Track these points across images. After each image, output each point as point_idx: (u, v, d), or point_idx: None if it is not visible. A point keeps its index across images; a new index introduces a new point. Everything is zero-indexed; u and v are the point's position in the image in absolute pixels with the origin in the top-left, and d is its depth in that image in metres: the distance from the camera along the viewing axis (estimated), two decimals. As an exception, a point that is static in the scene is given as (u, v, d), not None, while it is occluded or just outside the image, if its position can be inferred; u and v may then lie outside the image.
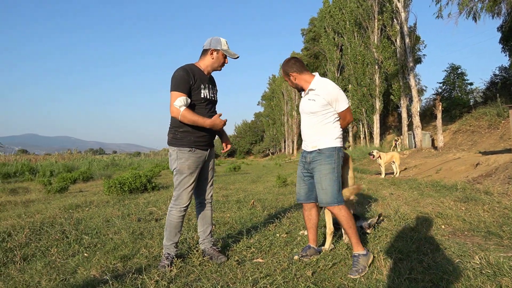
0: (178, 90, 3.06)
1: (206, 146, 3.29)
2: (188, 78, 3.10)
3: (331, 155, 3.14)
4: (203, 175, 3.40)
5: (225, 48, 3.25)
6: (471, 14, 15.14)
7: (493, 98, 20.47)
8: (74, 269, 3.17)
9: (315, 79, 3.25)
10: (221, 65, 3.31)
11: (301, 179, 3.41)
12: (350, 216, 3.17)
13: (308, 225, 3.47)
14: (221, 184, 11.13)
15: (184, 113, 3.03)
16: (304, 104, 3.30)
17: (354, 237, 3.11)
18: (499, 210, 4.98)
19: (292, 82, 3.34)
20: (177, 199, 3.22)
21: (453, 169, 10.75)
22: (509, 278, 2.54)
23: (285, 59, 3.39)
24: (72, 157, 28.67)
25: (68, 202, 7.20)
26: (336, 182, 3.13)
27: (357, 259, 2.99)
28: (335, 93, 3.14)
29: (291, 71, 3.28)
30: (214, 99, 3.36)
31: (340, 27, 29.91)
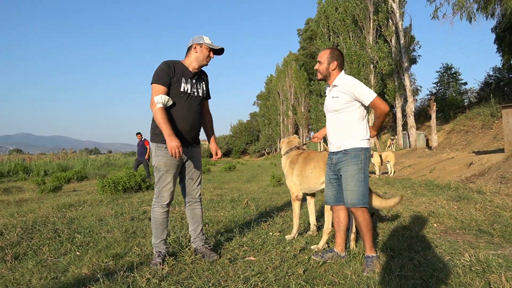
0: (158, 82, 3.08)
1: (185, 143, 3.26)
2: (168, 71, 3.12)
3: (357, 155, 3.07)
4: (188, 174, 3.38)
5: (208, 41, 3.25)
6: (465, 15, 15.23)
7: (487, 98, 20.61)
8: (65, 268, 3.16)
9: (339, 76, 3.18)
10: (206, 58, 3.27)
11: (329, 182, 3.31)
12: (370, 219, 3.14)
13: (336, 228, 3.35)
14: (216, 183, 11.12)
15: (157, 112, 3.02)
16: (328, 102, 3.23)
17: (370, 240, 3.08)
18: (490, 209, 5.02)
19: (328, 69, 3.17)
20: (158, 196, 3.22)
21: (446, 168, 10.82)
22: (497, 275, 2.56)
23: (336, 48, 3.31)
24: (66, 156, 28.50)
25: (62, 202, 7.17)
26: (362, 183, 3.06)
27: (371, 259, 2.98)
28: (357, 85, 3.04)
29: (337, 60, 3.16)
30: (198, 95, 3.32)
31: (335, 27, 29.99)
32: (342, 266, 3.04)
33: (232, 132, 75.06)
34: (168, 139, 2.97)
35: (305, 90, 46.10)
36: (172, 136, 2.97)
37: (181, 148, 2.98)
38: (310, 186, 3.93)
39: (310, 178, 3.88)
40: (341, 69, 3.22)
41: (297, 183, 4.02)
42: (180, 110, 3.19)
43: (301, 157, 4.06)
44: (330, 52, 3.20)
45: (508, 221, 4.30)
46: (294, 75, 48.78)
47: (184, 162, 3.34)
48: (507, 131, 9.64)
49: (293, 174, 4.04)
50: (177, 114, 3.19)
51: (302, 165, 3.97)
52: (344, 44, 28.77)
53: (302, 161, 4.00)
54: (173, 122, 3.16)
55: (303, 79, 46.22)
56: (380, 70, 23.81)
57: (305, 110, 47.02)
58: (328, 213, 3.63)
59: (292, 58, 51.45)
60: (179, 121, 3.19)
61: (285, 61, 53.80)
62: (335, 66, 3.16)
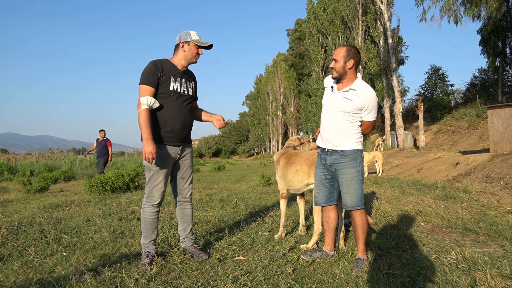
0: (145, 83, 3.06)
1: (177, 142, 3.24)
2: (156, 71, 3.09)
3: (356, 157, 3.09)
4: (179, 173, 3.36)
5: (196, 38, 3.21)
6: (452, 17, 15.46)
7: (472, 99, 20.95)
8: (52, 269, 3.11)
9: (358, 80, 3.11)
10: (194, 56, 3.25)
11: (321, 182, 3.28)
12: (367, 222, 3.17)
13: (325, 227, 3.35)
14: (205, 183, 11.09)
15: (141, 113, 2.99)
16: (337, 101, 3.12)
17: (363, 243, 3.09)
18: (476, 207, 5.10)
19: (345, 67, 3.07)
20: (148, 196, 3.20)
21: (434, 168, 10.96)
22: (483, 272, 2.61)
23: (354, 46, 3.18)
24: (53, 156, 28.10)
25: (48, 202, 7.07)
26: (361, 185, 3.09)
27: (362, 262, 2.99)
28: (374, 102, 3.05)
29: (354, 58, 3.07)
30: (187, 93, 3.29)
31: (324, 28, 30.13)
32: (331, 265, 3.06)
33: (221, 132, 74.87)
34: (144, 143, 2.95)
35: (294, 90, 46.24)
36: (149, 141, 2.95)
37: (155, 155, 2.96)
38: (295, 188, 3.96)
39: (293, 181, 3.89)
40: (357, 68, 3.16)
41: (282, 182, 4.09)
42: (170, 109, 3.17)
43: (282, 160, 4.08)
44: (347, 50, 3.07)
45: (493, 220, 4.37)
46: (284, 75, 48.88)
47: (176, 161, 3.32)
48: (492, 131, 9.80)
49: (277, 174, 4.13)
50: (168, 114, 3.16)
51: (284, 168, 4.00)
52: (333, 45, 28.94)
53: (283, 165, 4.02)
54: (164, 121, 3.14)
55: (293, 79, 46.34)
56: (369, 70, 24.01)
57: (295, 110, 47.16)
58: (318, 213, 3.64)
59: (282, 58, 51.56)
60: (170, 121, 3.16)
61: (274, 62, 53.89)
62: (352, 65, 3.07)
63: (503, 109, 9.49)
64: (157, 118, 3.13)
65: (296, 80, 45.78)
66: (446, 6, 15.39)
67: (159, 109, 3.14)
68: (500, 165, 7.85)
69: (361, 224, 3.08)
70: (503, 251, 3.25)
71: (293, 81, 46.26)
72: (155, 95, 3.11)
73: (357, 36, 25.24)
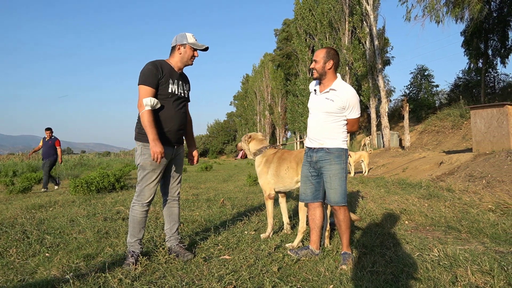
0: (146, 84, 3.04)
1: (172, 143, 3.25)
2: (156, 72, 3.08)
3: (340, 155, 3.16)
4: (170, 172, 3.37)
5: (192, 41, 3.21)
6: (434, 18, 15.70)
7: (456, 99, 21.31)
8: (33, 270, 3.06)
9: (338, 80, 3.21)
10: (190, 59, 3.26)
11: (307, 179, 3.33)
12: (350, 218, 3.25)
13: (311, 225, 3.38)
14: (192, 183, 11.04)
15: (144, 114, 2.98)
16: (320, 102, 3.23)
17: (347, 238, 3.17)
18: (459, 206, 5.19)
19: (324, 68, 3.18)
20: (139, 195, 3.18)
21: (418, 167, 11.11)
22: (464, 269, 2.66)
23: (332, 47, 3.35)
24: (37, 156, 27.60)
25: (31, 202, 6.95)
26: (344, 182, 3.16)
27: (348, 256, 3.06)
28: (354, 100, 3.14)
29: (333, 59, 3.17)
30: (184, 96, 3.32)
31: (311, 29, 30.28)
32: (316, 263, 3.08)
33: (209, 132, 74.60)
34: (152, 144, 2.96)
35: (281, 90, 46.34)
36: (156, 141, 2.96)
37: (163, 153, 2.99)
38: (286, 185, 3.98)
39: (284, 178, 3.93)
40: (336, 69, 3.26)
41: (272, 182, 4.04)
42: (168, 111, 3.17)
43: (276, 157, 4.08)
44: (326, 51, 3.21)
45: (475, 218, 4.46)
46: (271, 75, 48.94)
47: (170, 160, 3.32)
48: (475, 131, 9.98)
49: (268, 173, 4.05)
50: (166, 115, 3.16)
51: (277, 164, 4.00)
52: (320, 45, 29.09)
53: (277, 161, 4.02)
54: (161, 123, 3.14)
55: (280, 79, 46.44)
56: (355, 71, 24.22)
57: (282, 110, 47.27)
58: (303, 212, 3.66)
59: (269, 58, 51.61)
60: (167, 122, 3.17)
61: (261, 62, 53.91)
62: (331, 65, 3.18)
63: (485, 110, 9.67)
64: (155, 119, 3.11)
65: (284, 80, 45.89)
66: (429, 6, 15.62)
67: (158, 111, 3.13)
68: (482, 165, 8.00)
69: (344, 220, 3.15)
70: (484, 248, 3.32)
71: (281, 81, 46.36)
72: (155, 96, 3.09)
73: (344, 36, 25.44)
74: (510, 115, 8.92)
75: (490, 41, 20.96)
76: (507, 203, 4.98)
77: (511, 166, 7.21)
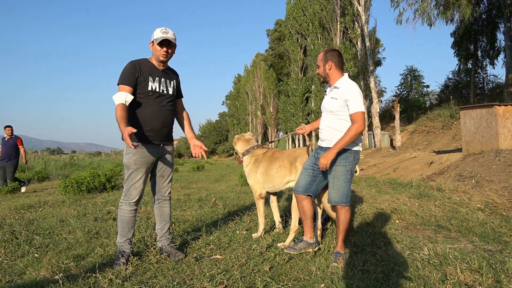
0: (123, 83, 3.04)
1: (157, 141, 3.22)
2: (133, 71, 3.08)
3: (347, 157, 3.13)
4: (159, 171, 3.34)
5: (157, 36, 3.11)
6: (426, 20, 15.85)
7: (446, 100, 21.51)
8: (22, 270, 3.02)
9: (342, 78, 3.21)
10: (161, 55, 3.15)
11: (306, 170, 3.33)
12: (351, 218, 3.26)
13: (302, 217, 3.39)
14: (184, 183, 11.00)
15: (116, 108, 2.93)
16: (326, 102, 3.26)
17: (343, 238, 3.17)
18: (449, 205, 5.24)
19: (325, 70, 3.22)
20: (125, 194, 3.16)
21: (409, 167, 11.20)
22: (453, 267, 2.69)
23: (331, 48, 3.34)
24: (27, 156, 27.26)
25: (20, 203, 6.87)
26: (348, 183, 3.15)
27: (340, 255, 3.06)
28: (353, 93, 3.06)
29: (332, 60, 3.19)
30: (167, 93, 3.28)
31: (303, 29, 30.35)
32: (308, 262, 3.09)
33: (201, 132, 74.44)
34: (122, 132, 2.84)
35: (274, 90, 46.36)
36: (124, 127, 2.82)
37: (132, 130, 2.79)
38: (275, 185, 3.96)
39: (275, 177, 3.91)
40: (340, 68, 3.24)
41: (261, 181, 4.02)
42: (149, 109, 3.15)
43: (266, 156, 4.07)
44: (324, 54, 3.26)
45: (464, 217, 4.50)
46: (263, 75, 48.93)
47: (157, 159, 3.29)
48: (464, 131, 10.09)
49: (258, 172, 4.04)
50: (147, 113, 3.14)
51: (268, 164, 3.98)
52: (312, 46, 29.18)
53: (268, 160, 4.01)
54: (143, 121, 3.12)
55: (272, 79, 46.44)
56: (347, 71, 24.34)
57: (274, 110, 47.29)
58: (295, 210, 3.67)
59: (261, 58, 51.59)
60: (149, 120, 3.15)
61: (254, 62, 53.88)
62: (331, 66, 3.21)
63: (474, 110, 9.78)
64: (136, 118, 3.11)
65: (276, 80, 45.90)
66: (420, 9, 15.77)
67: (138, 108, 3.11)
68: (472, 164, 8.10)
69: (343, 220, 3.15)
70: (473, 246, 3.36)
71: (273, 81, 46.37)
72: (134, 95, 3.08)
73: (335, 37, 25.54)
74: (498, 116, 9.03)
75: (479, 43, 21.22)
76: (495, 202, 5.04)
77: (500, 166, 7.30)
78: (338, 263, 2.94)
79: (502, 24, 18.57)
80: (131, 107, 3.06)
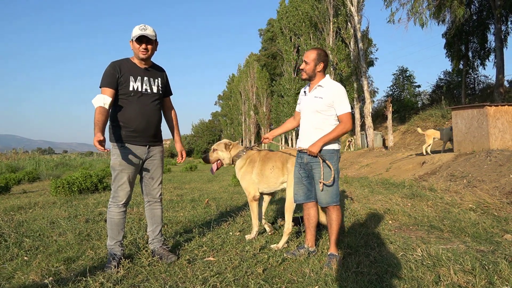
0: (104, 85, 3.01)
1: (143, 142, 3.17)
2: (113, 72, 3.04)
3: (332, 157, 3.14)
4: (148, 173, 3.29)
5: (134, 34, 3.06)
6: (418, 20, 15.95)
7: (438, 100, 21.67)
8: (10, 274, 2.96)
9: (325, 78, 3.23)
10: (140, 52, 3.10)
11: (299, 180, 3.33)
12: (342, 218, 3.24)
13: (306, 224, 3.40)
14: (176, 183, 10.94)
15: (95, 111, 2.89)
16: (309, 102, 3.24)
17: (336, 239, 3.17)
18: (441, 205, 5.27)
19: (314, 70, 3.21)
20: (114, 196, 3.12)
21: (401, 167, 11.25)
22: (446, 268, 2.69)
23: (322, 49, 3.33)
24: (17, 157, 26.93)
25: (10, 204, 6.78)
26: (336, 183, 3.14)
27: (333, 257, 3.04)
28: (340, 93, 3.11)
29: (323, 62, 3.20)
30: (151, 91, 3.21)
31: (296, 28, 30.34)
32: (301, 264, 3.07)
33: (193, 131, 74.23)
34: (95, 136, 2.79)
35: (267, 90, 46.37)
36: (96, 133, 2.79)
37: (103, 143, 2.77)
38: (270, 186, 3.92)
39: (269, 177, 3.87)
40: (325, 70, 3.27)
41: (256, 182, 3.95)
42: (132, 109, 3.10)
43: (260, 156, 4.03)
44: (318, 53, 3.23)
45: (456, 217, 4.52)
46: (257, 75, 48.91)
47: (144, 161, 3.24)
48: (456, 131, 10.16)
49: (253, 172, 3.97)
50: (130, 114, 3.10)
51: (262, 164, 3.94)
52: (305, 45, 29.21)
53: (262, 160, 3.97)
54: (125, 122, 3.08)
55: (265, 79, 46.45)
56: (340, 72, 24.40)
57: (267, 110, 47.30)
58: (289, 213, 3.65)
59: (254, 58, 51.58)
60: (132, 121, 3.10)
61: (247, 62, 53.84)
62: (321, 68, 3.22)
63: (466, 110, 9.85)
64: (120, 119, 3.07)
65: (269, 80, 45.92)
66: (413, 9, 15.86)
67: (121, 109, 3.07)
68: (463, 164, 8.15)
69: (336, 220, 3.16)
70: (465, 247, 3.37)
71: (266, 81, 46.38)
72: (116, 96, 3.04)
73: (328, 37, 25.59)
74: (489, 116, 9.10)
75: (470, 43, 21.39)
76: (487, 202, 5.07)
77: (491, 166, 7.36)
78: (332, 265, 2.92)
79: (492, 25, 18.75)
80: (114, 108, 3.04)
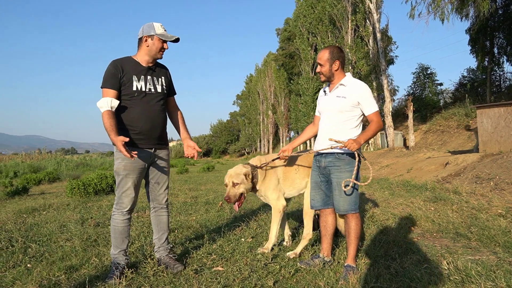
0: (106, 86, 2.85)
1: (148, 145, 3.01)
2: (116, 72, 2.87)
3: (351, 162, 2.93)
4: (154, 178, 3.13)
5: (160, 32, 2.94)
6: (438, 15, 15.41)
7: (461, 99, 20.96)
8: (10, 283, 2.84)
9: (347, 77, 3.05)
10: (159, 52, 2.99)
11: (317, 185, 3.14)
12: (361, 226, 3.03)
13: (323, 232, 3.20)
14: (192, 184, 10.84)
15: (103, 115, 2.76)
16: (331, 101, 3.03)
17: (355, 249, 2.96)
18: (467, 210, 4.94)
19: (331, 70, 3.01)
20: (118, 203, 2.97)
21: (423, 168, 10.84)
22: (477, 286, 2.43)
23: (335, 46, 3.11)
24: (40, 157, 27.55)
25: (25, 206, 6.77)
26: (355, 190, 2.95)
27: (350, 269, 2.84)
28: (367, 92, 2.94)
29: (338, 59, 3.00)
30: (155, 91, 3.05)
31: (313, 27, 29.96)
32: (315, 276, 2.85)
33: (212, 131, 74.55)
34: (114, 141, 2.70)
35: (284, 90, 46.06)
36: (114, 136, 2.69)
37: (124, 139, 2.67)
38: (297, 187, 3.62)
39: (295, 179, 3.58)
40: (343, 67, 3.07)
41: (283, 189, 3.60)
42: (136, 110, 2.94)
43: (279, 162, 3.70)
44: (330, 52, 3.01)
45: (484, 224, 4.20)
46: (274, 75, 48.65)
47: (149, 165, 3.09)
48: (481, 131, 9.71)
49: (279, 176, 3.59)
50: (134, 115, 2.93)
51: (283, 168, 3.60)
52: (322, 44, 28.81)
53: (282, 165, 3.64)
54: (129, 124, 2.93)
55: (283, 79, 46.15)
56: (359, 70, 23.93)
57: (285, 110, 46.99)
58: (309, 217, 3.44)
59: (272, 58, 51.31)
60: (136, 122, 2.93)
61: (265, 61, 53.64)
62: (338, 66, 3.01)
63: (492, 109, 9.40)
64: (123, 121, 2.90)
65: (287, 80, 45.59)
66: (434, 3, 15.32)
67: (125, 111, 2.91)
68: (490, 166, 7.74)
69: (355, 229, 2.95)
70: (496, 258, 3.08)
71: (284, 80, 46.07)
72: (119, 96, 2.88)
73: (347, 35, 25.15)
74: (518, 115, 8.65)
75: (495, 39, 20.61)
76: (518, 207, 4.73)
77: (521, 168, 6.95)
78: (349, 278, 2.70)
79: (519, 19, 17.99)
80: (116, 110, 2.86)
